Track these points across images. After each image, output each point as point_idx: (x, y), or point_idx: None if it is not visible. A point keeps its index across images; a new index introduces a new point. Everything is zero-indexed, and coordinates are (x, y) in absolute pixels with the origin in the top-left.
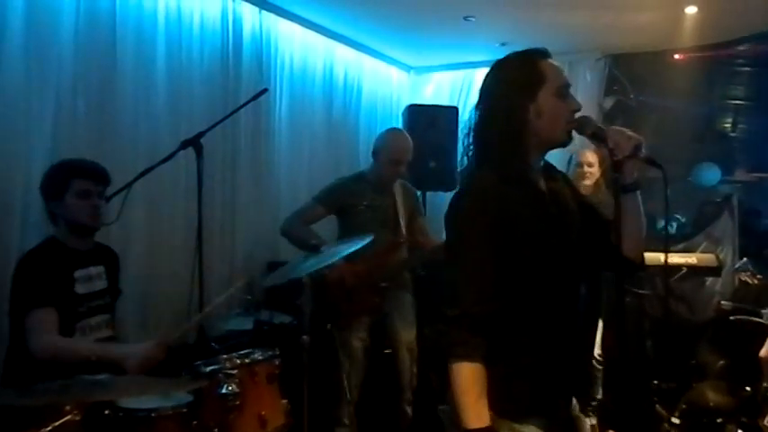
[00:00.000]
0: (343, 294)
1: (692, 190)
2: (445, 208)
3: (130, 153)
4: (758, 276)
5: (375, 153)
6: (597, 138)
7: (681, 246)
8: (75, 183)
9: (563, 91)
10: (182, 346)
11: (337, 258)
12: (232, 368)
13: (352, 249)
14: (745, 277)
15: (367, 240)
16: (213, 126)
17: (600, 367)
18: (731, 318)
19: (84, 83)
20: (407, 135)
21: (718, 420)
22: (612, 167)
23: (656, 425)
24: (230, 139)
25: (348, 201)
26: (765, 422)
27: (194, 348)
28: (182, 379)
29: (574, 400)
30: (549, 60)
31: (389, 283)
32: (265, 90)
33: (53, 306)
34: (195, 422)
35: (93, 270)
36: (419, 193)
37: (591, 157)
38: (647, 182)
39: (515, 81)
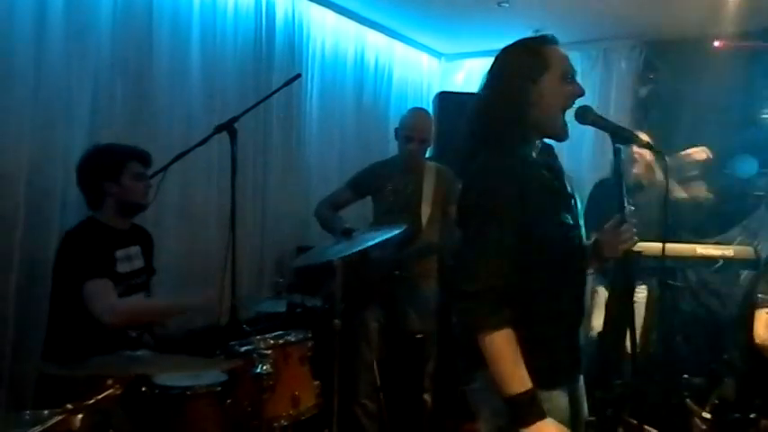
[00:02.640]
0: (354, 281)
1: (728, 181)
2: None
3: (166, 136)
4: None
5: (396, 132)
6: (597, 126)
7: (716, 238)
8: (130, 165)
9: (568, 77)
10: (214, 328)
11: (368, 245)
12: (266, 348)
13: (383, 237)
14: None
15: (398, 230)
16: (246, 111)
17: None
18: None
19: (121, 67)
20: (427, 113)
21: (751, 416)
22: (614, 153)
23: (687, 420)
24: (262, 123)
25: (375, 184)
26: None
27: (227, 330)
28: (217, 358)
29: (581, 378)
30: (556, 47)
31: (405, 272)
32: (299, 75)
33: (108, 277)
34: (229, 401)
35: (132, 249)
36: None
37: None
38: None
39: (520, 66)
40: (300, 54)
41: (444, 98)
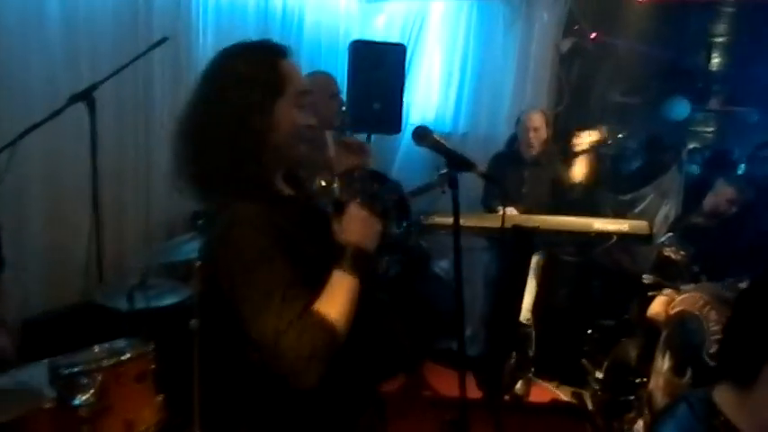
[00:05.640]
0: None
1: (659, 128)
2: (390, 153)
3: (22, 108)
4: (681, 252)
5: None
6: (435, 149)
7: (629, 197)
8: None
9: (303, 100)
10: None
11: None
12: (94, 372)
13: None
14: (668, 252)
15: None
16: (107, 78)
17: (530, 329)
18: (649, 293)
19: None
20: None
21: (636, 381)
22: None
23: (584, 377)
24: (141, 89)
25: None
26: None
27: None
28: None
29: None
30: (290, 60)
31: None
32: (165, 39)
33: None
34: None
35: None
36: None
37: (537, 120)
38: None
39: (252, 82)
40: (188, 3)
41: (359, 47)
